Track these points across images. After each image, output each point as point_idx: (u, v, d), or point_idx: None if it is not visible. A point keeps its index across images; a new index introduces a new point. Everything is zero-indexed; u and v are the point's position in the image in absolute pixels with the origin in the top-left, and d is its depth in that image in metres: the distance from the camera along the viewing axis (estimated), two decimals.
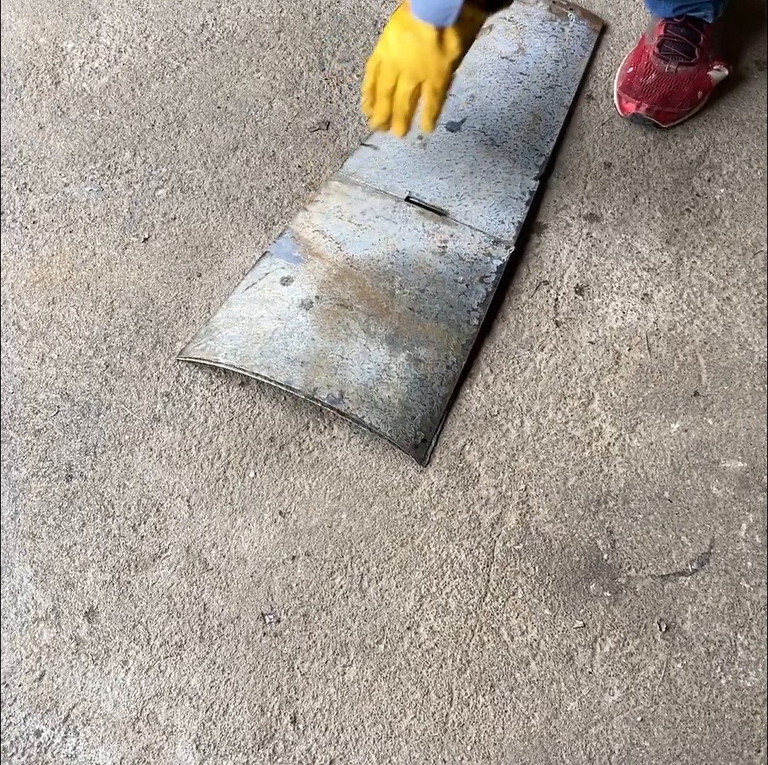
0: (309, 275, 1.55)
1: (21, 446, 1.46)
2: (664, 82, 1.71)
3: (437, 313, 1.54)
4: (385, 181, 1.67)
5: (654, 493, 1.44)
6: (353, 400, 1.44)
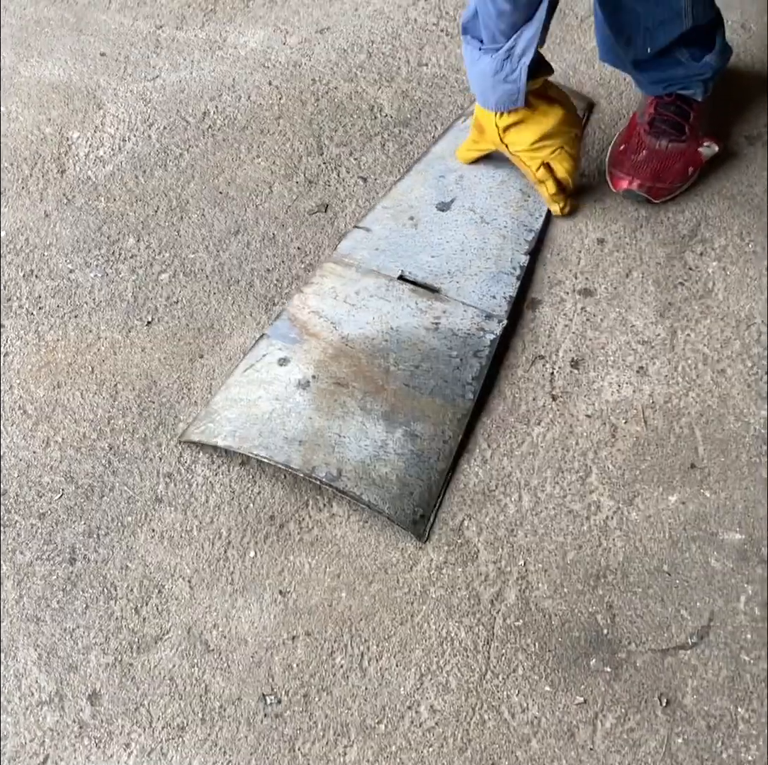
0: (305, 355, 1.58)
1: (26, 530, 1.48)
2: (655, 158, 1.75)
3: (432, 388, 1.57)
4: (378, 261, 1.71)
5: (653, 566, 1.45)
6: (351, 477, 1.46)
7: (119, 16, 2.08)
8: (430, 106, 1.94)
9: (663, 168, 1.76)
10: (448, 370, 1.59)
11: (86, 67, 1.99)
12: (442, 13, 2.08)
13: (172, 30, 2.06)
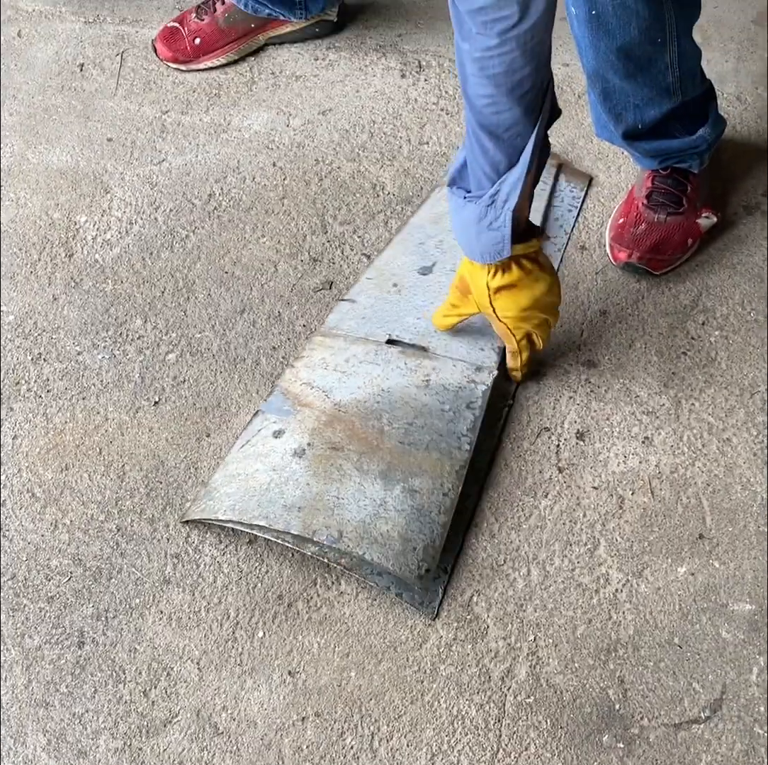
0: (300, 425, 1.59)
1: (34, 614, 1.47)
2: (654, 231, 1.77)
3: (428, 444, 1.57)
4: (365, 329, 1.73)
5: (664, 639, 1.44)
6: (353, 537, 1.45)
7: (125, 103, 2.12)
8: (432, 184, 1.98)
9: (662, 240, 1.77)
10: (442, 424, 1.59)
11: (93, 152, 2.03)
12: (441, 93, 2.12)
13: (178, 115, 2.10)
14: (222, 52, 2.19)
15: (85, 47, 2.23)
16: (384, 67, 2.20)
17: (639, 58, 1.63)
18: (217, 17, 2.16)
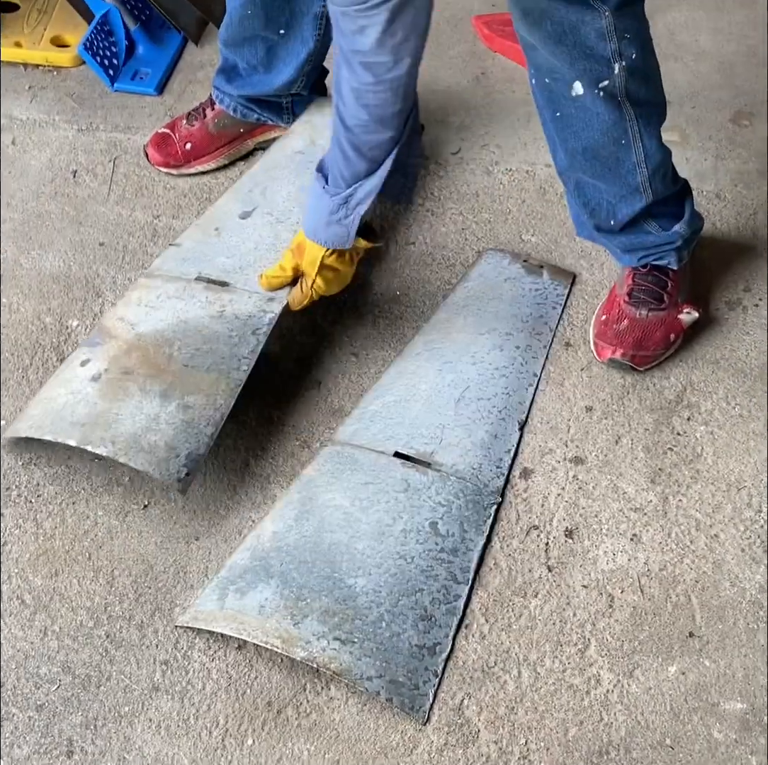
0: (104, 355, 1.76)
1: (23, 723, 1.46)
2: (637, 327, 1.80)
3: (209, 365, 1.73)
4: (180, 268, 1.92)
5: (655, 740, 1.43)
6: (122, 447, 1.61)
7: (118, 208, 2.16)
8: (418, 283, 2.01)
9: (644, 336, 1.80)
10: (226, 349, 1.75)
11: (85, 257, 2.06)
12: (427, 194, 2.17)
13: (169, 219, 2.14)
14: (212, 157, 2.23)
15: (78, 154, 2.28)
16: None
17: (606, 158, 1.68)
18: (207, 122, 2.21)
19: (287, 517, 1.63)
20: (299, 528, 1.61)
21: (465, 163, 2.24)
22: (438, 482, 1.67)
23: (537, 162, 2.23)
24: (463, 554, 1.60)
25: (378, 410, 1.78)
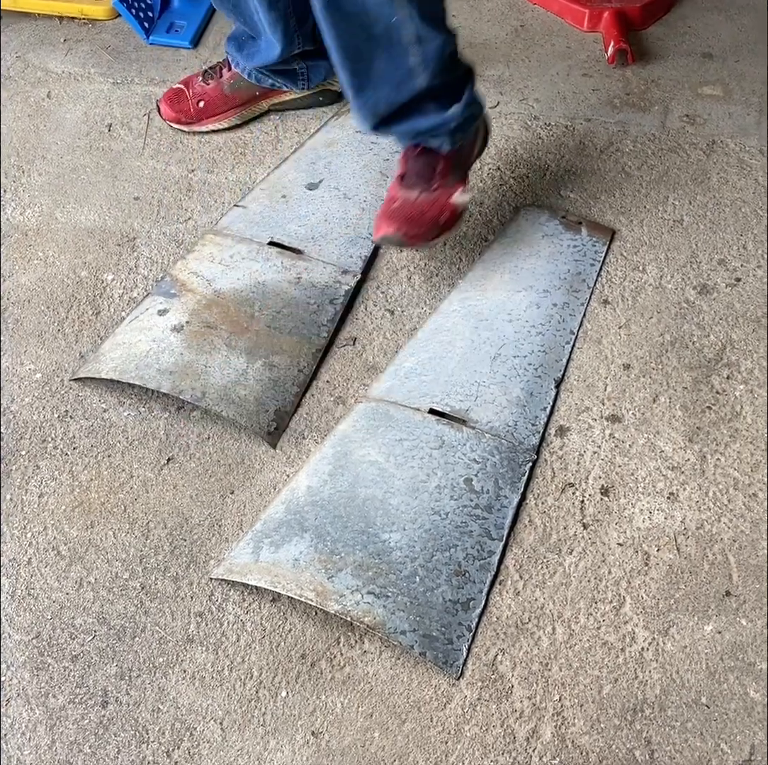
0: (182, 306, 1.83)
1: (59, 673, 1.48)
2: (408, 207, 1.79)
3: (291, 329, 1.81)
4: (251, 231, 1.98)
5: (691, 699, 1.42)
6: (213, 398, 1.70)
7: (152, 162, 2.16)
8: (455, 239, 1.99)
9: (415, 216, 1.78)
10: (306, 315, 1.84)
11: (121, 211, 2.06)
12: None
13: (204, 173, 2.13)
14: (224, 116, 2.21)
15: (113, 108, 2.27)
16: None
17: (379, 37, 1.60)
18: (222, 83, 2.19)
19: (322, 472, 1.63)
20: (334, 483, 1.61)
21: (503, 117, 2.21)
22: (473, 439, 1.66)
23: (576, 116, 2.19)
24: (497, 511, 1.59)
25: (413, 367, 1.77)
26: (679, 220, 1.99)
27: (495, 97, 2.25)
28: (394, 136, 1.83)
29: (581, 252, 1.93)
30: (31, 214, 2.06)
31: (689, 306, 1.85)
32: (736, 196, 2.02)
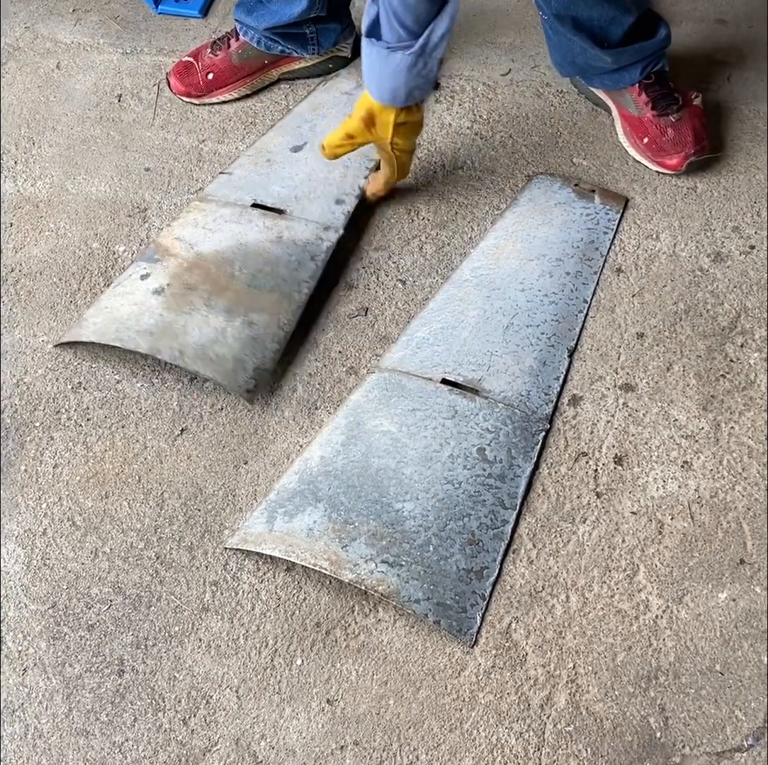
0: (164, 271, 1.82)
1: (75, 642, 1.49)
2: (682, 127, 1.97)
3: (271, 286, 1.81)
4: (235, 195, 1.98)
5: (705, 666, 1.42)
6: (191, 356, 1.69)
7: (163, 132, 2.15)
8: (467, 208, 1.98)
9: (694, 130, 1.96)
10: (287, 272, 1.83)
11: (131, 182, 2.05)
12: (475, 117, 2.13)
13: (214, 144, 2.12)
14: (234, 87, 2.20)
15: (123, 78, 2.26)
16: None
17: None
18: (230, 53, 2.18)
19: (335, 442, 1.63)
20: (347, 453, 1.61)
21: (515, 84, 2.19)
22: (486, 409, 1.66)
23: None
24: (510, 480, 1.59)
25: (425, 337, 1.76)
26: (692, 188, 1.98)
27: (507, 64, 2.23)
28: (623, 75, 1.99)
29: (594, 220, 1.92)
30: (42, 185, 2.06)
31: (703, 274, 1.84)
32: (750, 163, 2.01)
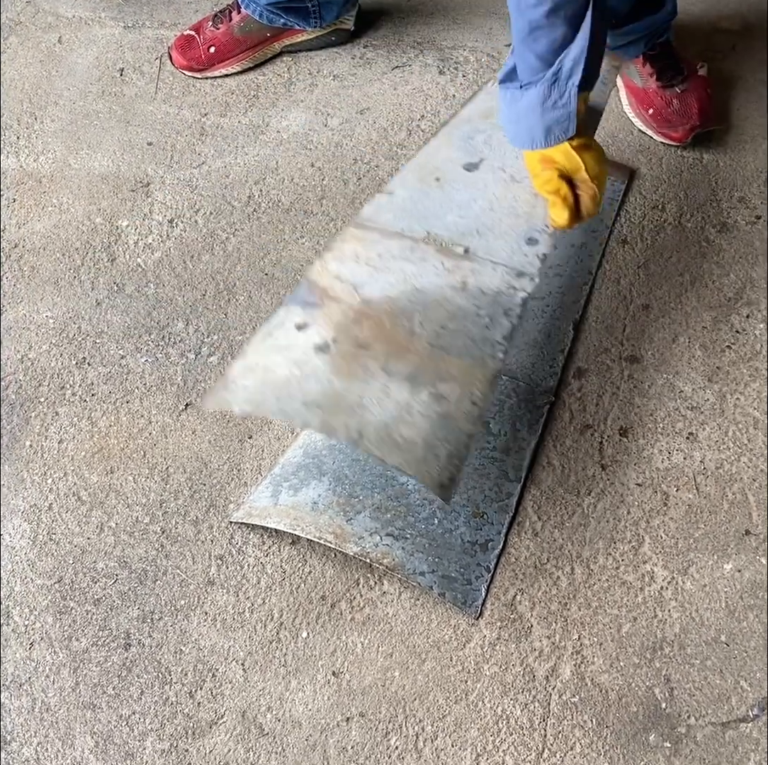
0: (325, 319, 1.49)
1: (81, 616, 1.49)
2: (688, 98, 1.97)
3: (459, 348, 1.47)
4: (402, 223, 1.63)
5: (710, 637, 1.42)
6: (373, 440, 1.36)
7: (165, 106, 2.14)
8: None
9: (698, 102, 1.96)
10: (476, 330, 1.49)
11: (134, 157, 2.04)
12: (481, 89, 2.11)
13: (217, 117, 2.11)
14: (236, 60, 2.18)
15: (125, 52, 2.25)
16: (422, 64, 2.19)
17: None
18: (232, 26, 2.16)
19: None
20: None
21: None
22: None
23: None
24: (515, 453, 1.59)
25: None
26: (698, 158, 1.96)
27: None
28: (631, 46, 1.96)
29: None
30: (44, 160, 2.05)
31: (709, 245, 1.83)
32: (756, 132, 1.99)
